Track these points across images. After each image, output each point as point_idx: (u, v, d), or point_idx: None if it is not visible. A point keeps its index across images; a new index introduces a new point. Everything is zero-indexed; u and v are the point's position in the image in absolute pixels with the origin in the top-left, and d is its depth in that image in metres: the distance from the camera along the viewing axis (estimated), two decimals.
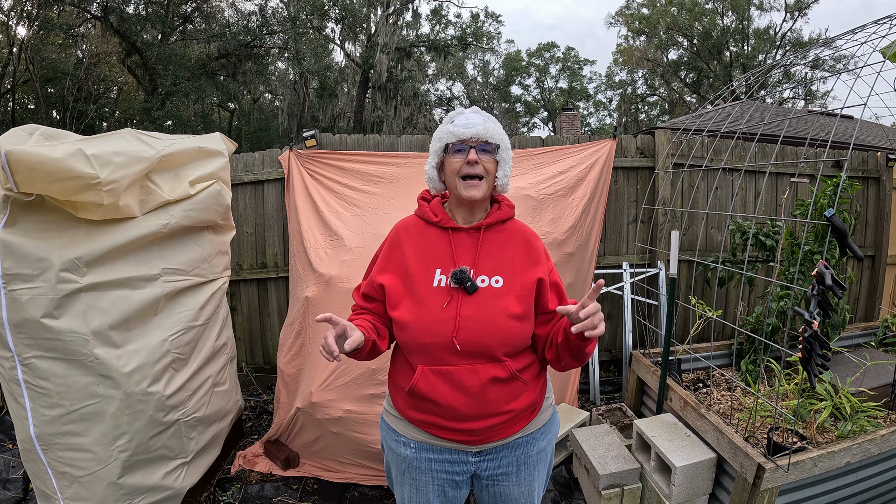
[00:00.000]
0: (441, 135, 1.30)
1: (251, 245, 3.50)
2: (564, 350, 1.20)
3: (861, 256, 2.11)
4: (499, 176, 1.31)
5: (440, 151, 1.31)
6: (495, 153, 1.29)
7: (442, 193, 1.39)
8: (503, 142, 1.30)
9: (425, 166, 1.37)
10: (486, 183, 1.27)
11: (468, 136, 1.25)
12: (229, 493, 2.47)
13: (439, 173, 1.36)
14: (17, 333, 1.67)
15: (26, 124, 1.84)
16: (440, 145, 1.30)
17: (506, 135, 1.33)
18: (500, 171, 1.31)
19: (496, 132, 1.28)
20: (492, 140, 1.27)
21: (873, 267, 4.15)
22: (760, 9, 22.58)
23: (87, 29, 15.50)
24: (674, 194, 3.51)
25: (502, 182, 1.32)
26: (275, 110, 22.50)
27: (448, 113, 1.36)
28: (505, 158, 1.31)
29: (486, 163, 1.27)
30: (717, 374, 2.91)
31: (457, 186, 1.28)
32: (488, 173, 1.28)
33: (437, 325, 1.21)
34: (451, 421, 1.24)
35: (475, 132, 1.25)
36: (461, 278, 1.22)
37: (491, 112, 28.50)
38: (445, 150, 1.29)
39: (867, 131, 11.85)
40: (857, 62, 2.51)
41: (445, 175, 1.32)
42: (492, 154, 1.28)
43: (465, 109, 1.33)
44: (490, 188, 1.30)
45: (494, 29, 26.08)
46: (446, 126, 1.30)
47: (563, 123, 16.61)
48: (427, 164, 1.36)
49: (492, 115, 1.34)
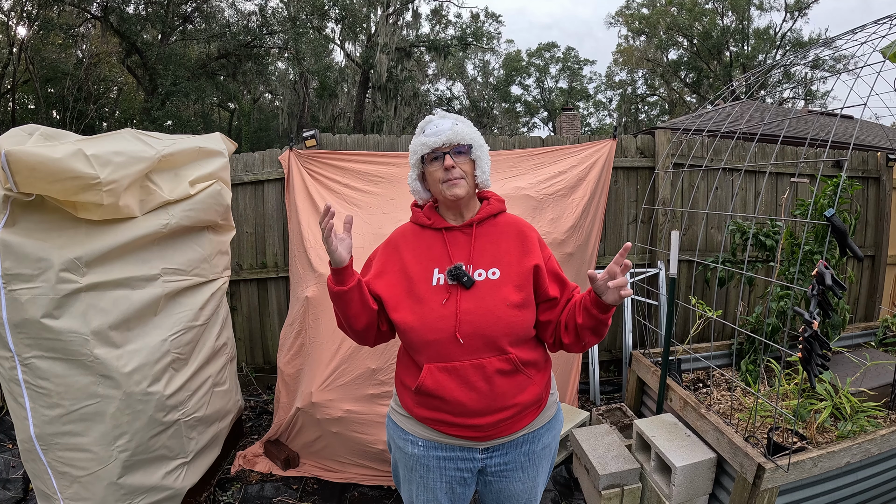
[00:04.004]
0: (415, 147, 1.33)
1: (251, 245, 3.50)
2: (585, 329, 1.23)
3: (861, 256, 2.11)
4: (477, 174, 1.34)
5: (418, 163, 1.35)
6: (469, 153, 1.33)
7: (429, 201, 1.43)
8: (475, 140, 1.33)
9: (407, 180, 1.41)
10: (466, 181, 1.31)
11: (439, 143, 1.29)
12: (229, 493, 2.47)
13: (423, 183, 1.40)
14: (17, 333, 1.67)
15: (26, 124, 1.84)
16: (416, 157, 1.34)
17: (477, 132, 1.36)
18: (477, 168, 1.34)
19: (466, 133, 1.31)
20: (463, 141, 1.30)
21: (873, 267, 4.15)
22: (760, 9, 22.59)
23: (87, 29, 15.50)
24: (674, 194, 3.51)
25: (482, 179, 1.35)
26: (275, 110, 22.50)
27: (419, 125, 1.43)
28: (480, 156, 1.34)
29: (463, 164, 1.31)
30: (717, 374, 2.90)
31: (441, 191, 1.31)
32: (467, 174, 1.31)
33: (438, 321, 1.23)
34: (459, 417, 1.25)
35: (445, 138, 1.28)
36: (457, 274, 1.25)
37: (491, 112, 28.52)
38: (423, 160, 1.34)
39: (867, 131, 11.85)
40: (857, 62, 2.51)
41: (429, 184, 1.36)
42: (466, 154, 1.32)
43: (433, 117, 1.36)
44: (472, 186, 1.34)
45: (494, 29, 26.12)
46: (418, 137, 1.33)
47: (563, 123, 16.61)
48: (409, 178, 1.40)
49: (460, 116, 1.37)
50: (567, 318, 1.29)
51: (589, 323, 1.22)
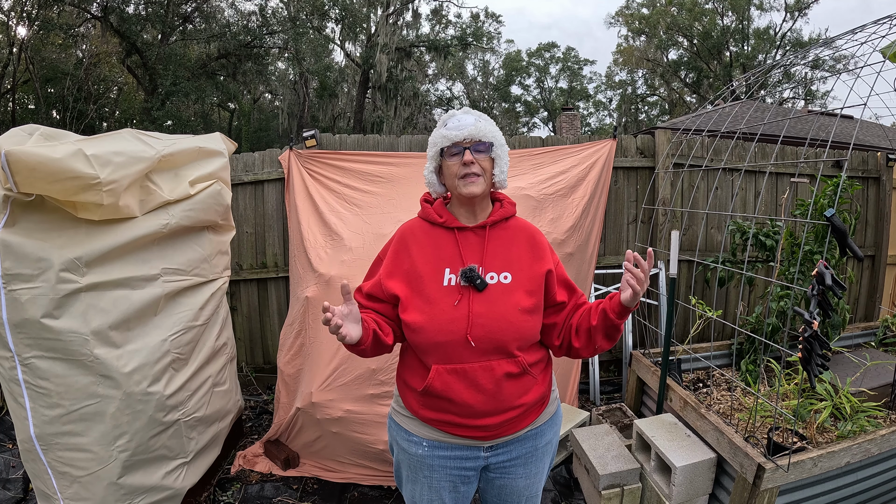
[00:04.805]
0: (436, 139, 1.32)
1: (251, 245, 3.50)
2: (598, 332, 1.24)
3: (861, 256, 2.11)
4: (496, 173, 1.33)
5: (437, 156, 1.33)
6: (489, 151, 1.31)
7: (443, 196, 1.41)
8: (496, 139, 1.32)
9: (424, 171, 1.40)
10: (483, 179, 1.30)
11: (461, 137, 1.27)
12: (229, 493, 2.47)
13: (438, 177, 1.39)
14: (17, 333, 1.67)
15: (26, 124, 1.84)
16: (436, 150, 1.33)
17: (499, 131, 1.35)
18: (496, 167, 1.33)
19: (488, 130, 1.30)
20: (485, 139, 1.29)
21: (873, 267, 4.15)
22: (760, 9, 22.58)
23: (87, 29, 15.50)
24: (674, 194, 3.51)
25: (499, 178, 1.35)
26: (275, 110, 22.50)
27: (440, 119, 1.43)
28: (500, 155, 1.33)
29: (482, 161, 1.29)
30: (717, 374, 2.90)
31: (457, 186, 1.30)
32: (485, 171, 1.30)
33: (450, 323, 1.23)
34: (466, 418, 1.25)
35: (467, 133, 1.27)
36: (470, 276, 1.24)
37: (491, 112, 28.52)
38: (441, 153, 1.32)
39: (867, 131, 11.85)
40: (857, 62, 2.51)
41: (445, 178, 1.35)
42: (486, 152, 1.31)
43: (456, 111, 1.35)
44: (488, 185, 1.33)
45: (494, 29, 26.12)
46: (440, 130, 1.32)
47: (563, 123, 16.61)
48: (425, 170, 1.39)
49: (483, 114, 1.36)
50: (579, 322, 1.29)
51: (601, 326, 1.23)
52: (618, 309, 1.19)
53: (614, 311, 1.19)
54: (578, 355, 1.33)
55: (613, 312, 1.20)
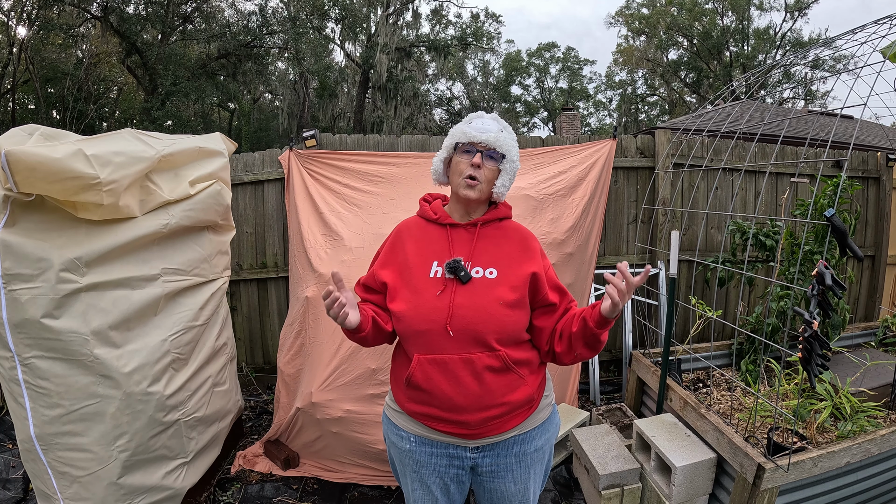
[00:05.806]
0: (455, 132, 1.35)
1: (251, 245, 3.50)
2: (578, 339, 1.24)
3: (861, 256, 2.11)
4: (497, 184, 1.35)
5: (450, 147, 1.36)
6: (500, 162, 1.34)
7: (442, 184, 1.45)
8: (510, 154, 1.34)
9: (434, 158, 1.43)
10: (483, 187, 1.32)
11: (479, 140, 1.31)
12: (229, 493, 2.47)
13: (445, 167, 1.42)
14: (17, 333, 1.67)
15: (26, 124, 1.84)
16: (452, 142, 1.36)
17: (517, 149, 1.37)
18: (500, 179, 1.35)
19: (507, 143, 1.33)
20: (500, 149, 1.32)
21: (873, 267, 4.15)
22: (760, 9, 22.58)
23: (87, 29, 15.49)
24: (674, 194, 3.51)
25: (499, 191, 1.36)
26: (275, 110, 22.49)
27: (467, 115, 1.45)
28: (508, 169, 1.35)
29: (489, 169, 1.32)
30: (717, 374, 2.91)
31: (458, 185, 1.33)
32: (488, 180, 1.32)
33: (431, 312, 1.25)
34: (447, 412, 1.26)
35: (486, 138, 1.30)
36: (455, 268, 1.27)
37: (490, 112, 28.47)
38: (455, 147, 1.35)
39: (867, 131, 11.85)
40: (857, 62, 2.51)
41: (451, 172, 1.37)
42: (497, 162, 1.33)
43: (485, 114, 1.38)
44: (487, 193, 1.35)
45: (494, 29, 26.09)
46: (462, 126, 1.35)
47: (563, 123, 16.60)
48: (436, 157, 1.42)
49: (508, 125, 1.39)
50: (563, 326, 1.30)
51: (580, 334, 1.22)
52: (597, 318, 1.17)
53: (594, 319, 1.18)
54: (561, 361, 1.32)
55: (593, 321, 1.18)
